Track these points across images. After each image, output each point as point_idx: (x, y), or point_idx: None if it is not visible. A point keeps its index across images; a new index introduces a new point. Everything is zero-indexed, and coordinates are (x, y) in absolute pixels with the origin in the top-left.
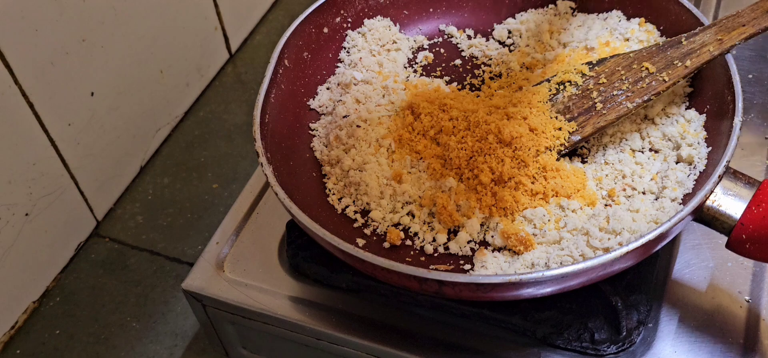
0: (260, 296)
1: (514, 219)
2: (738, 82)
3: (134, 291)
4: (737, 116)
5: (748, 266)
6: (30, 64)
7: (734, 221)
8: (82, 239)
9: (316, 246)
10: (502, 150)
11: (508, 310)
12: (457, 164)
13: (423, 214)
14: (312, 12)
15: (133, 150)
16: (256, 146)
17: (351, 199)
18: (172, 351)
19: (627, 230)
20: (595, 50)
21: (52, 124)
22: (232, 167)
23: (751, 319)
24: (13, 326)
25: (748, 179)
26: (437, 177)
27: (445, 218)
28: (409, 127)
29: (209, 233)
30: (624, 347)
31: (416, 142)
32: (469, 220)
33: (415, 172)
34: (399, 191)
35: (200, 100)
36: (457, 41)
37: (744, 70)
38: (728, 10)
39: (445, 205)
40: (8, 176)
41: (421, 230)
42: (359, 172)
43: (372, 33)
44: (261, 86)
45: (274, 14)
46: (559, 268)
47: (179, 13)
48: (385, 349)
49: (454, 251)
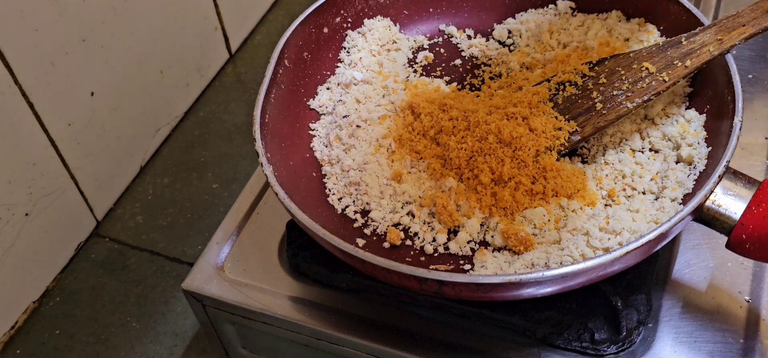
0: (260, 296)
1: (514, 219)
2: (738, 82)
3: (134, 291)
4: (737, 116)
5: (748, 266)
6: (30, 64)
7: (734, 221)
8: (82, 239)
9: (316, 246)
10: (502, 150)
11: (508, 310)
12: (457, 164)
13: (423, 214)
14: (312, 12)
15: (133, 150)
16: (256, 146)
17: (351, 199)
18: (172, 351)
19: (627, 230)
20: (595, 50)
21: (52, 124)
22: (232, 167)
23: (751, 319)
24: (13, 326)
25: (748, 179)
26: (437, 177)
27: (445, 217)
28: (409, 127)
29: (209, 233)
30: (624, 347)
31: (416, 142)
32: (469, 220)
33: (415, 172)
34: (399, 191)
35: (200, 100)
36: (457, 41)
37: (744, 70)
38: (728, 10)
39: (445, 205)
40: (8, 176)
41: (421, 230)
42: (359, 172)
43: (372, 33)
44: (261, 86)
45: (274, 14)
46: (559, 268)
47: (179, 13)
48: (385, 349)
49: (454, 251)
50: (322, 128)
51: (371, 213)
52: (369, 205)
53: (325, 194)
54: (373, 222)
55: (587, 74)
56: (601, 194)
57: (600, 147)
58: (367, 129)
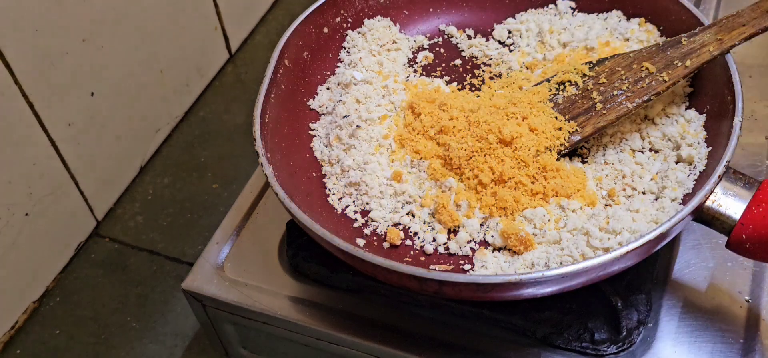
0: (260, 296)
1: (514, 219)
2: (738, 82)
3: (134, 291)
4: (737, 116)
5: (748, 266)
6: (30, 64)
7: (734, 221)
8: (82, 239)
9: (316, 246)
10: (502, 150)
11: (508, 310)
12: (457, 164)
13: (423, 214)
14: (312, 12)
15: (133, 150)
16: (256, 146)
17: (351, 199)
18: (172, 351)
19: (627, 230)
20: (595, 50)
21: (52, 124)
22: (232, 167)
23: (751, 319)
24: (13, 326)
25: (748, 178)
26: (437, 177)
27: (445, 217)
28: (410, 127)
29: (209, 233)
30: (624, 347)
31: (416, 142)
32: (469, 220)
33: (415, 172)
34: (399, 191)
35: (200, 100)
36: (457, 41)
37: (744, 70)
38: (728, 10)
39: (445, 204)
40: (8, 176)
41: (421, 229)
42: (359, 172)
43: (372, 33)
44: (261, 86)
45: (274, 14)
46: (559, 268)
47: (179, 13)
48: (385, 349)
49: (454, 251)
50: (322, 128)
51: (371, 213)
52: (369, 205)
53: (325, 194)
54: (373, 222)
55: (587, 74)
56: (601, 194)
57: (600, 147)
58: (367, 129)
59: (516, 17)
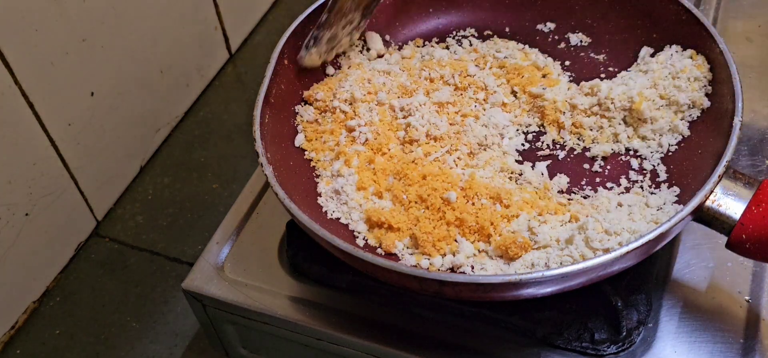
0: (260, 296)
1: (501, 235)
2: (738, 82)
3: (134, 291)
4: (737, 116)
5: (748, 266)
6: (30, 64)
7: (734, 221)
8: (82, 239)
9: (316, 246)
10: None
11: (508, 310)
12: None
13: (406, 241)
14: (312, 12)
15: (133, 150)
16: (256, 146)
17: (337, 204)
18: (172, 351)
19: (627, 230)
20: None
21: (52, 124)
22: (232, 167)
23: (751, 319)
24: (13, 326)
25: (748, 178)
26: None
27: (429, 249)
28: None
29: (209, 233)
30: (624, 347)
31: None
32: (461, 246)
33: (396, 194)
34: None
35: (200, 100)
36: (454, 50)
37: (744, 70)
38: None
39: (425, 240)
40: (8, 176)
41: (407, 254)
42: (342, 179)
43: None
44: (261, 86)
45: (274, 14)
46: (559, 268)
47: (179, 13)
48: (385, 349)
49: None
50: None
51: (357, 227)
52: (351, 216)
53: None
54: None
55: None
56: (601, 196)
57: (598, 146)
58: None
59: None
